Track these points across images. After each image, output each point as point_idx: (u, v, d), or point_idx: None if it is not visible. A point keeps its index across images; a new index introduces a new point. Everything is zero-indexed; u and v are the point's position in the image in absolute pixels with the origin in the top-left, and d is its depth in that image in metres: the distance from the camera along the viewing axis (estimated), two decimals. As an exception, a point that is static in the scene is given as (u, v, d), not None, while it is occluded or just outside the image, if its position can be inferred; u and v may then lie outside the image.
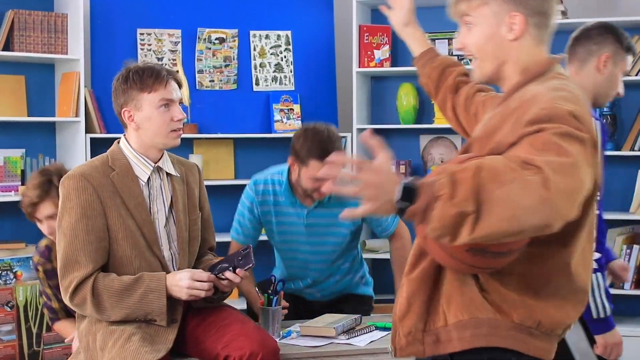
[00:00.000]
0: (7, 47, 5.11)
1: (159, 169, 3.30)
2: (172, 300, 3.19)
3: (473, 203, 1.98)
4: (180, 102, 3.32)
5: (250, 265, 3.21)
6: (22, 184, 5.19)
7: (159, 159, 3.31)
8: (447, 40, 5.58)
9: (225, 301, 3.48)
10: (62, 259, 3.16)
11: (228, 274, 3.19)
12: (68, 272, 3.15)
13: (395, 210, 2.07)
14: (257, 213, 4.10)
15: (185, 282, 3.14)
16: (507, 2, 2.37)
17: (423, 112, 5.78)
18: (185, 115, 3.33)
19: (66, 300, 3.20)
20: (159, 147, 3.28)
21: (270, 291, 3.58)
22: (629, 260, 5.22)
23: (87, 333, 3.23)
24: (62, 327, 3.90)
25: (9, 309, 4.83)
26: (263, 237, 5.69)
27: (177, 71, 3.44)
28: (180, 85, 3.32)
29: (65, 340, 3.89)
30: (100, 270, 3.18)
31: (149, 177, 3.28)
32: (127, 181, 3.24)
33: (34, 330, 4.89)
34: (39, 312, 4.90)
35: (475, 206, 1.98)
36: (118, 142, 3.34)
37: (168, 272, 3.23)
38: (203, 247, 3.49)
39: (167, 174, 3.32)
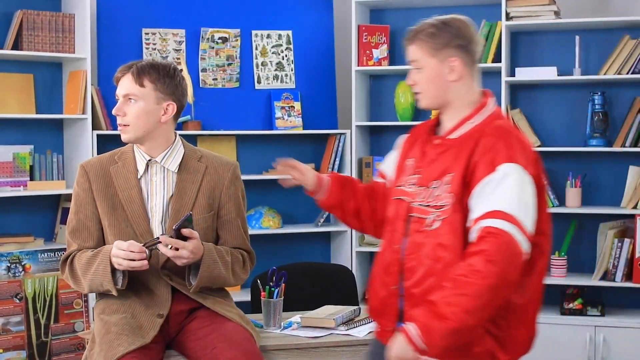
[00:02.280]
0: (16, 46, 5.11)
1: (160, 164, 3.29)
2: (156, 293, 3.23)
3: None
4: (132, 97, 3.24)
5: (178, 226, 3.10)
6: (31, 180, 5.19)
7: (159, 154, 3.29)
8: (443, 40, 5.57)
9: (226, 299, 3.42)
10: (66, 236, 3.35)
11: (160, 246, 3.12)
12: (67, 248, 3.34)
13: None
14: None
15: (112, 250, 3.12)
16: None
17: (420, 110, 5.75)
18: (121, 112, 3.24)
19: None
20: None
21: (271, 283, 3.56)
22: (619, 254, 5.21)
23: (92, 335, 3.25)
24: None
25: (17, 301, 4.83)
26: (261, 231, 5.70)
27: (171, 72, 3.32)
28: (151, 82, 3.24)
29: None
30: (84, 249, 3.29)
31: (148, 170, 3.28)
32: (126, 173, 3.27)
33: (42, 322, 4.89)
34: (47, 303, 4.90)
35: None
36: None
37: (158, 263, 3.22)
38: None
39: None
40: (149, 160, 3.28)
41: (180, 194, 3.28)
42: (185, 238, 3.11)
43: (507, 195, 2.69)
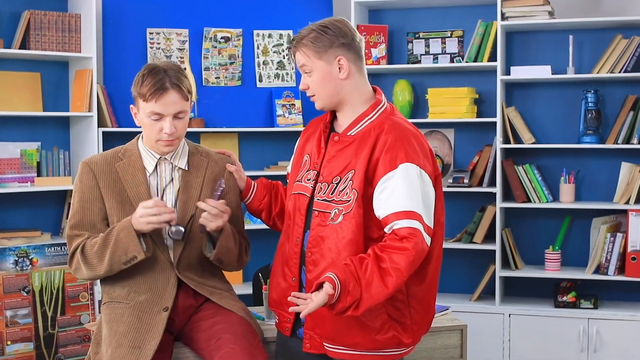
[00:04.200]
0: (23, 45, 5.10)
1: (169, 161, 3.27)
2: (161, 286, 3.17)
3: None
4: (181, 114, 3.17)
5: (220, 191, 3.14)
6: (38, 176, 5.18)
7: (168, 153, 3.26)
8: (439, 40, 5.56)
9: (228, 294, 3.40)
10: (66, 232, 3.23)
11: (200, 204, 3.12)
12: (68, 245, 3.21)
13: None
14: None
15: (137, 212, 3.07)
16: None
17: (418, 107, 5.76)
18: (175, 129, 3.13)
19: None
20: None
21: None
22: (612, 248, 5.21)
23: (99, 325, 3.22)
24: None
25: (25, 294, 4.82)
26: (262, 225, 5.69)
27: (185, 74, 3.26)
28: (188, 92, 3.19)
29: None
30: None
31: (157, 168, 3.25)
32: (132, 170, 3.22)
33: (49, 314, 4.88)
34: (54, 296, 4.89)
35: None
36: (137, 137, 3.31)
37: (169, 257, 3.19)
38: None
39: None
40: (159, 158, 3.25)
41: (187, 187, 3.25)
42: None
43: (413, 194, 2.82)
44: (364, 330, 2.90)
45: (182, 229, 3.10)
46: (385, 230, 2.84)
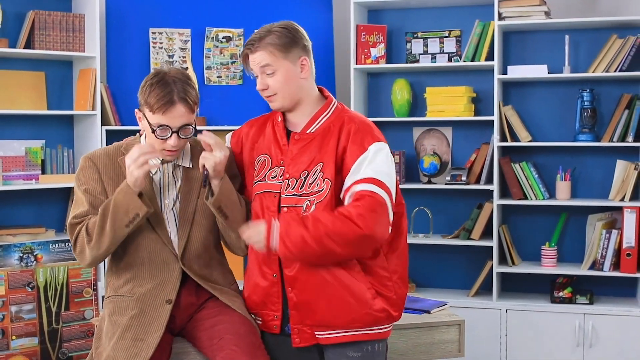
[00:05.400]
0: (28, 45, 5.09)
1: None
2: (165, 278, 3.14)
3: None
4: (187, 127, 3.13)
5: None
6: (42, 173, 5.18)
7: (170, 161, 3.24)
8: (438, 39, 5.55)
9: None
10: (68, 222, 3.17)
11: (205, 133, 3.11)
12: (70, 233, 3.16)
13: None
14: None
15: (127, 162, 3.03)
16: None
17: (416, 106, 5.75)
18: (178, 143, 3.10)
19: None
20: None
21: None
22: (607, 244, 5.20)
23: (102, 319, 3.21)
24: None
25: (30, 290, 4.82)
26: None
27: (192, 84, 3.22)
28: (194, 104, 3.16)
29: None
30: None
31: (160, 167, 3.23)
32: None
33: (54, 309, 4.87)
34: (58, 292, 4.89)
35: None
36: (139, 134, 3.29)
37: (173, 249, 3.18)
38: None
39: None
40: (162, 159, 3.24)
41: (188, 179, 3.24)
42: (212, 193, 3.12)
43: (378, 166, 2.90)
44: (359, 303, 2.94)
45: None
46: (346, 199, 2.90)
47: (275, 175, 3.04)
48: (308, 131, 3.04)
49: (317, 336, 3.00)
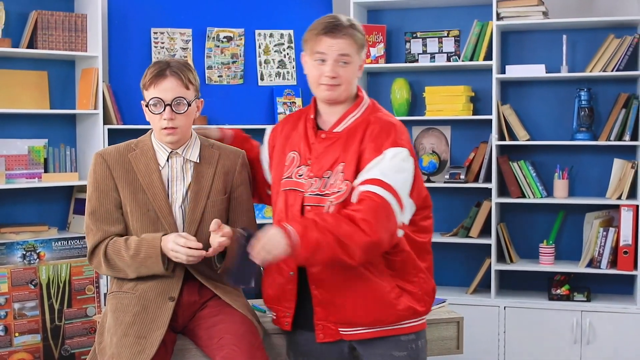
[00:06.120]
0: (31, 44, 5.09)
1: (181, 154, 3.25)
2: (168, 277, 3.16)
3: None
4: (180, 100, 3.13)
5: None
6: (45, 172, 5.18)
7: (180, 146, 3.24)
8: (437, 39, 5.55)
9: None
10: (85, 222, 3.22)
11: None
12: (87, 238, 3.20)
13: None
14: None
15: (169, 244, 3.05)
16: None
17: (415, 105, 5.75)
18: (174, 117, 3.11)
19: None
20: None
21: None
22: (605, 242, 5.20)
23: (104, 315, 3.22)
24: None
25: (33, 287, 4.82)
26: (264, 220, 5.67)
27: (190, 68, 3.24)
28: (189, 82, 3.16)
29: None
30: (113, 237, 3.17)
31: (169, 160, 3.23)
32: (145, 160, 3.20)
33: (56, 307, 4.87)
34: (61, 289, 4.89)
35: None
36: (151, 131, 3.30)
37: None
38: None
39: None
40: (171, 152, 3.24)
41: (199, 178, 3.23)
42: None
43: (387, 168, 2.83)
44: (382, 304, 2.93)
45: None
46: (351, 198, 2.86)
47: (302, 174, 3.00)
48: (335, 130, 3.00)
49: (340, 332, 2.99)
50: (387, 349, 2.99)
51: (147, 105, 3.14)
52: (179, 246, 3.03)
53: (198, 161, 3.25)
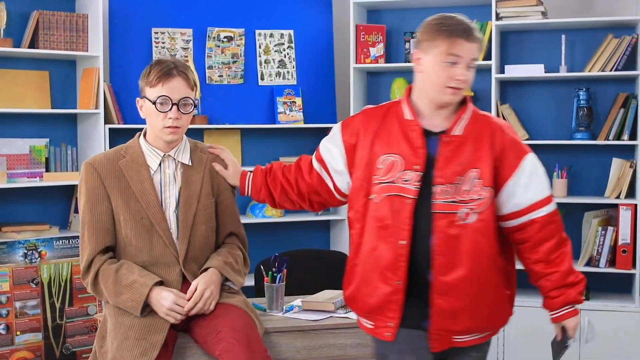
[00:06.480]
0: (32, 44, 5.09)
1: (173, 157, 3.25)
2: (167, 279, 3.17)
3: None
4: (186, 101, 3.17)
5: None
6: (46, 171, 5.18)
7: (172, 149, 3.25)
8: (437, 39, 5.55)
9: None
10: (80, 236, 3.22)
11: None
12: (81, 253, 3.21)
13: None
14: None
15: (166, 303, 3.08)
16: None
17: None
18: (180, 116, 3.14)
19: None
20: (161, 139, 3.22)
21: (274, 269, 3.55)
22: (603, 241, 5.21)
23: (104, 318, 3.22)
24: None
25: (34, 286, 4.82)
26: (264, 220, 5.68)
27: (191, 69, 3.26)
28: (194, 83, 3.20)
29: None
30: (104, 251, 3.18)
31: (161, 165, 3.23)
32: (136, 167, 3.19)
33: (57, 305, 4.88)
34: (62, 288, 4.89)
35: None
36: (138, 135, 3.29)
37: (175, 252, 3.19)
38: (221, 233, 3.36)
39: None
40: (164, 155, 3.24)
41: (188, 183, 3.24)
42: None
43: (543, 181, 2.95)
44: (501, 312, 2.99)
45: None
46: (523, 218, 2.92)
47: (409, 180, 2.81)
48: (452, 133, 2.85)
49: (454, 340, 2.88)
50: (471, 350, 2.96)
51: (153, 103, 3.14)
52: (177, 306, 3.09)
53: (190, 164, 3.25)
